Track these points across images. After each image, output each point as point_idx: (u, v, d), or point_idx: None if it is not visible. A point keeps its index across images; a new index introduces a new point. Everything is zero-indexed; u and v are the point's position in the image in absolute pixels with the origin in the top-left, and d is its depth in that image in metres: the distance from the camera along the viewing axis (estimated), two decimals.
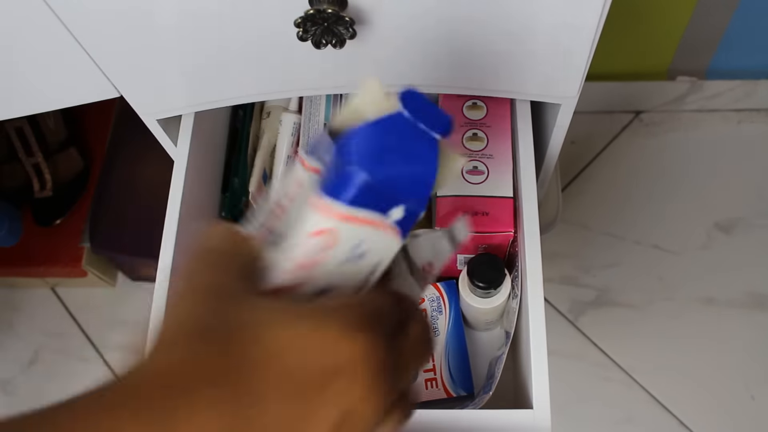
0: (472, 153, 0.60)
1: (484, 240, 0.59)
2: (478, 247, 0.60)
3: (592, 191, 1.33)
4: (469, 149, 0.61)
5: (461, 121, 0.62)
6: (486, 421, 0.50)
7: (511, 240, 0.59)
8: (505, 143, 0.60)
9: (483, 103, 0.62)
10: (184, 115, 0.61)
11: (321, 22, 0.46)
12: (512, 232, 0.57)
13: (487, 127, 0.61)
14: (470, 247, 0.60)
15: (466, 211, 0.58)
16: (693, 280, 1.24)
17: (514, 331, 0.58)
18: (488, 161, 0.60)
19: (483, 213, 0.58)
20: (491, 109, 0.62)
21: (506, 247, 0.60)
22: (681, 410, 1.16)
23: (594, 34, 0.48)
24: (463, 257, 0.62)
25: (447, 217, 0.58)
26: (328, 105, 0.67)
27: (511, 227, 0.57)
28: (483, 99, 0.62)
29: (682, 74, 1.30)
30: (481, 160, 0.60)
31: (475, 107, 0.62)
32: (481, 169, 0.59)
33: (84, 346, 1.28)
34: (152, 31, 0.50)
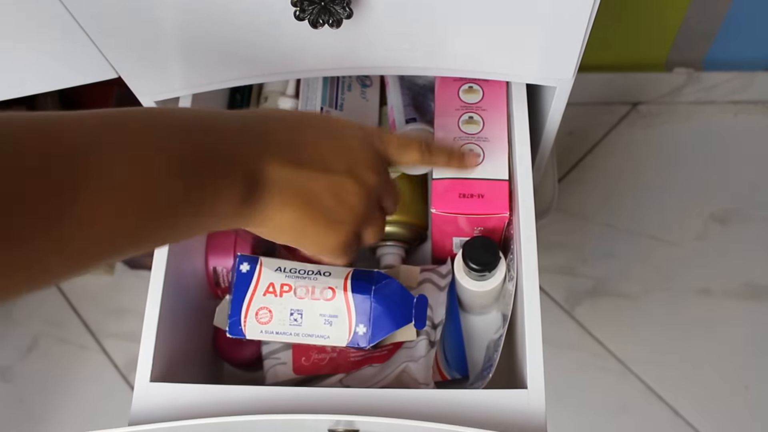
0: (468, 136, 0.61)
1: (480, 222, 0.59)
2: (474, 229, 0.60)
3: (589, 182, 1.33)
4: (466, 132, 0.61)
5: (457, 105, 0.62)
6: (480, 401, 0.50)
7: (507, 223, 0.59)
8: (500, 126, 0.61)
9: (479, 87, 0.63)
10: (181, 97, 0.62)
11: (318, 2, 0.46)
12: (507, 214, 0.57)
13: (483, 110, 0.62)
14: (466, 230, 0.61)
15: (462, 194, 0.58)
16: (689, 270, 1.24)
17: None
18: (484, 144, 0.60)
19: (478, 195, 0.58)
20: (487, 92, 0.62)
21: (502, 229, 0.60)
22: (676, 400, 1.16)
23: (589, 13, 0.48)
24: (459, 240, 0.62)
25: (442, 198, 0.58)
26: (324, 89, 0.67)
27: (506, 209, 0.57)
28: (479, 82, 0.63)
29: (679, 66, 1.30)
30: (477, 143, 0.60)
31: (471, 91, 0.63)
32: (476, 152, 0.60)
33: (82, 334, 1.28)
34: (150, 12, 0.50)
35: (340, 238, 0.47)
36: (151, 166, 0.36)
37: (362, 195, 0.47)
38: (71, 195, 0.32)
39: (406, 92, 0.68)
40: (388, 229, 0.65)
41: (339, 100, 0.68)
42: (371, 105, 0.70)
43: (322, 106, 0.67)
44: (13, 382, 1.26)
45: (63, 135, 0.34)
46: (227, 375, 0.70)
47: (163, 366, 0.55)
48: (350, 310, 0.56)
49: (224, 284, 0.66)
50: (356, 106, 0.69)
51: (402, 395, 0.51)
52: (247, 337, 0.57)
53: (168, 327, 0.56)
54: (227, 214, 0.41)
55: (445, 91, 0.63)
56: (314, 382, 0.62)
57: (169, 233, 0.39)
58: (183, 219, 0.39)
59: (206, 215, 0.40)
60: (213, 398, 0.52)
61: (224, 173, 0.40)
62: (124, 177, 0.35)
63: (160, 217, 0.37)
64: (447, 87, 0.63)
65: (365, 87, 0.70)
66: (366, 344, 0.56)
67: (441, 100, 0.63)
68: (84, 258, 0.34)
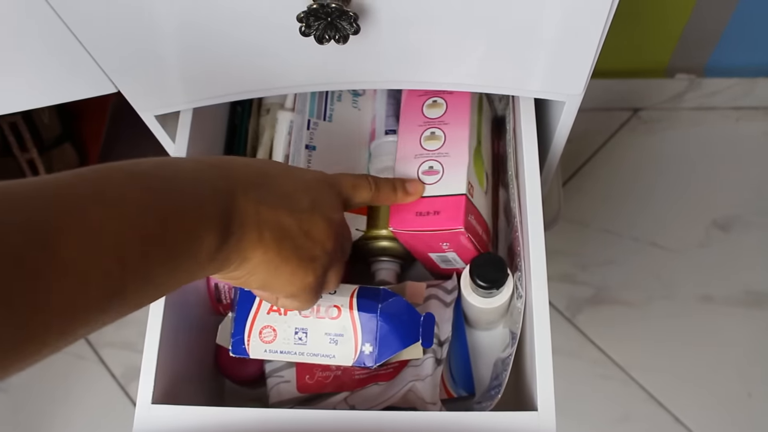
0: (429, 153, 0.60)
1: (439, 238, 0.58)
2: (441, 245, 0.59)
3: (590, 189, 1.32)
4: (426, 149, 0.60)
5: (420, 121, 0.62)
6: (489, 423, 0.49)
7: (463, 236, 0.58)
8: (462, 139, 0.60)
9: (443, 100, 0.62)
10: (182, 111, 0.60)
11: (324, 17, 0.45)
12: (462, 229, 0.56)
13: (446, 124, 0.61)
14: (434, 246, 0.60)
15: (419, 212, 0.58)
16: (691, 277, 1.24)
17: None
18: (444, 159, 0.59)
19: (434, 212, 0.57)
20: (451, 105, 0.61)
21: (472, 244, 0.59)
22: (678, 408, 1.16)
23: (602, 29, 0.47)
24: (436, 255, 0.62)
25: (399, 216, 0.58)
26: (312, 100, 0.66)
27: (460, 224, 0.56)
28: (444, 95, 0.62)
29: (680, 72, 1.30)
30: (436, 159, 0.59)
31: (435, 105, 0.62)
32: (436, 168, 0.59)
33: (79, 343, 1.27)
34: (150, 26, 0.49)
35: (310, 277, 0.47)
36: (122, 214, 0.35)
37: (330, 233, 0.47)
38: (50, 250, 0.31)
39: (391, 102, 0.67)
40: (384, 244, 0.64)
41: (328, 111, 0.66)
42: (364, 114, 0.69)
43: (309, 118, 0.65)
44: (9, 393, 1.25)
45: (30, 196, 0.33)
46: (229, 392, 0.69)
47: (164, 385, 0.54)
48: (356, 328, 0.55)
49: (226, 300, 0.64)
50: (347, 116, 0.68)
51: (409, 418, 0.50)
52: (251, 356, 0.56)
53: (169, 345, 0.55)
54: (205, 258, 0.40)
55: (409, 107, 0.63)
56: (318, 401, 0.61)
57: (151, 285, 0.37)
58: (163, 268, 0.37)
59: (185, 262, 0.39)
60: (216, 420, 0.51)
61: (199, 214, 0.39)
62: (98, 227, 0.34)
63: (143, 262, 0.36)
64: (412, 102, 0.63)
65: (357, 96, 0.69)
66: (372, 363, 0.55)
67: (405, 116, 0.63)
68: (71, 316, 0.33)
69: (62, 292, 0.32)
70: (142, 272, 0.36)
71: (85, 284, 0.33)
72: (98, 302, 0.34)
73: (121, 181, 0.37)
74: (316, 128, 0.65)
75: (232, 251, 0.42)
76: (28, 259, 0.30)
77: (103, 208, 0.35)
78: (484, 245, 0.61)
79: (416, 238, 0.59)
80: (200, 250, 0.39)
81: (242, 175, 0.44)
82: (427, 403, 0.56)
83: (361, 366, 0.55)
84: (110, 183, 0.36)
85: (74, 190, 0.34)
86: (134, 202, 0.36)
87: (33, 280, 0.30)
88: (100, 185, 0.36)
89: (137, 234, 0.35)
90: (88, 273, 0.33)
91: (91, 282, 0.33)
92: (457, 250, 0.60)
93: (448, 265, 0.64)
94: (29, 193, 0.33)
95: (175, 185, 0.39)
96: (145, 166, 0.39)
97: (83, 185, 0.35)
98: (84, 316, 0.33)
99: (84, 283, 0.33)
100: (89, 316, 0.34)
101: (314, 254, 0.46)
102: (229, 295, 0.64)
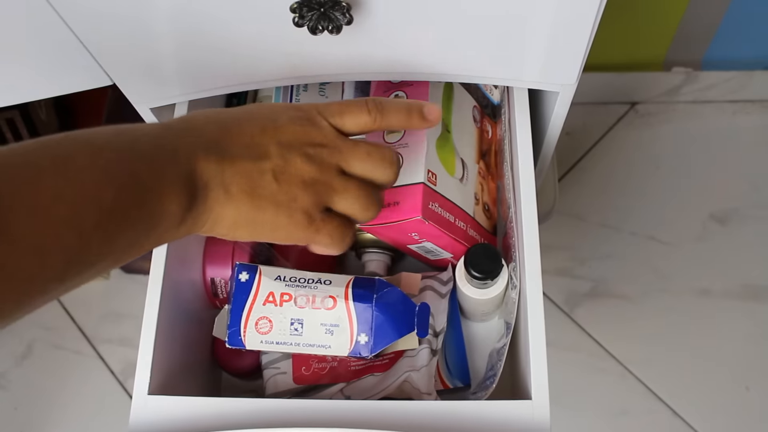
0: (390, 145, 0.60)
1: (401, 228, 0.58)
2: (410, 234, 0.59)
3: (587, 182, 1.32)
4: (388, 142, 0.60)
5: None
6: (484, 412, 0.50)
7: (424, 225, 0.57)
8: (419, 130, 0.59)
9: (403, 93, 0.62)
10: (177, 103, 0.61)
11: (317, 8, 0.45)
12: (419, 217, 0.56)
13: None
14: (405, 239, 0.60)
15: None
16: (688, 271, 1.24)
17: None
18: (404, 150, 0.59)
19: (394, 203, 0.57)
20: (411, 96, 0.61)
21: (442, 233, 0.59)
22: (676, 401, 1.16)
23: (594, 18, 0.47)
24: (416, 246, 0.62)
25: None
26: (277, 91, 0.66)
27: (417, 212, 0.56)
28: (405, 88, 0.62)
29: (677, 65, 1.30)
30: (397, 151, 0.59)
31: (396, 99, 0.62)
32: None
33: (78, 340, 1.27)
34: (145, 18, 0.49)
35: (296, 216, 0.44)
36: (77, 184, 0.35)
37: (307, 169, 0.44)
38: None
39: (358, 93, 0.68)
40: (373, 236, 0.64)
41: (293, 101, 0.66)
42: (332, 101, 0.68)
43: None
44: (8, 389, 1.25)
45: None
46: (226, 384, 0.69)
47: (161, 378, 0.54)
48: (351, 319, 0.55)
49: (222, 295, 0.65)
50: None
51: (404, 407, 0.50)
52: (247, 348, 0.56)
53: (166, 338, 0.56)
54: (173, 222, 0.40)
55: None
56: (315, 392, 0.61)
57: (116, 248, 0.38)
58: (125, 235, 0.38)
59: (150, 227, 0.39)
60: (212, 411, 0.51)
61: (159, 179, 0.39)
62: (51, 199, 0.34)
63: (101, 231, 0.36)
64: (376, 95, 0.63)
65: (324, 83, 0.68)
66: (368, 354, 0.55)
67: None
68: (30, 284, 0.33)
69: (15, 265, 0.32)
70: (101, 241, 0.36)
71: (40, 256, 0.33)
72: (55, 273, 0.34)
73: (80, 150, 0.37)
74: None
75: (201, 212, 0.42)
76: None
77: (58, 178, 0.35)
78: (461, 234, 0.60)
79: (384, 231, 0.59)
80: (164, 215, 0.39)
81: (201, 132, 0.43)
82: (422, 393, 0.56)
83: (357, 356, 0.56)
84: (68, 152, 0.36)
85: (30, 160, 0.35)
86: (91, 171, 0.36)
87: None
88: (58, 155, 0.36)
89: (94, 204, 0.35)
90: (42, 245, 0.33)
91: (45, 254, 0.33)
92: (429, 239, 0.59)
93: (434, 256, 0.64)
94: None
95: (133, 153, 0.39)
96: (105, 134, 0.39)
97: (40, 155, 0.35)
98: (40, 287, 0.34)
99: (38, 255, 0.33)
100: (46, 287, 0.34)
101: (292, 195, 0.44)
102: (226, 289, 0.64)
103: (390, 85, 0.63)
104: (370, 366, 0.61)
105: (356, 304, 0.56)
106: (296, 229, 0.45)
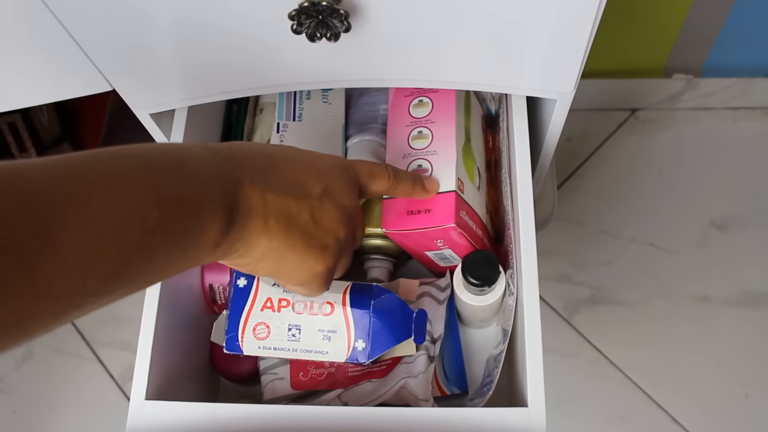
0: (417, 152, 0.60)
1: (431, 235, 0.58)
2: (436, 242, 0.59)
3: (587, 189, 1.32)
4: (414, 148, 0.60)
5: (407, 121, 0.62)
6: (480, 419, 0.50)
7: (455, 232, 0.58)
8: (449, 138, 0.60)
9: (429, 99, 0.62)
10: (177, 109, 0.61)
11: (315, 15, 0.45)
12: (453, 225, 0.57)
13: (432, 122, 0.61)
14: (427, 244, 0.60)
15: (410, 211, 0.58)
16: (688, 278, 1.24)
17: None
18: (432, 158, 0.59)
19: (425, 210, 0.58)
20: (437, 104, 0.62)
21: (467, 241, 0.59)
22: (675, 408, 1.16)
23: (591, 27, 0.48)
24: (433, 254, 0.62)
25: (391, 217, 0.59)
26: (281, 101, 0.66)
27: (451, 220, 0.57)
28: (429, 94, 0.62)
29: (678, 72, 1.30)
30: (425, 158, 0.60)
31: (421, 104, 0.62)
32: (425, 167, 0.59)
33: (77, 343, 1.27)
34: (144, 24, 0.49)
35: (320, 266, 0.46)
36: (125, 201, 0.35)
37: (341, 220, 0.46)
38: (44, 234, 0.31)
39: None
40: (377, 242, 0.64)
41: (297, 111, 0.66)
42: (335, 108, 0.68)
43: (279, 121, 0.65)
44: (8, 393, 1.25)
45: (34, 180, 0.33)
46: (224, 389, 0.69)
47: (159, 383, 0.54)
48: (349, 325, 0.56)
49: (221, 301, 0.65)
50: (318, 113, 0.67)
51: (401, 414, 0.50)
52: (245, 353, 0.56)
53: (164, 344, 0.56)
54: (209, 245, 0.40)
55: (397, 107, 0.63)
56: (312, 398, 0.61)
57: (155, 267, 0.38)
58: (164, 254, 0.38)
59: (188, 248, 0.39)
60: (210, 416, 0.51)
61: (204, 202, 0.39)
62: (99, 215, 0.34)
63: (143, 249, 0.36)
64: (399, 102, 0.63)
65: (327, 90, 0.68)
66: (365, 360, 0.55)
67: (393, 117, 0.63)
68: (69, 299, 0.33)
69: (56, 278, 0.32)
70: (140, 260, 0.36)
71: (81, 271, 0.33)
72: (93, 288, 0.34)
73: (130, 167, 0.37)
74: (285, 130, 0.65)
75: (237, 239, 0.42)
76: (23, 245, 0.30)
77: (107, 194, 0.35)
78: (479, 241, 0.61)
79: (410, 237, 0.59)
80: (203, 237, 0.39)
81: (250, 162, 0.43)
82: (419, 400, 0.56)
83: (354, 362, 0.56)
84: (118, 168, 0.36)
85: (82, 175, 0.34)
86: (140, 189, 0.36)
87: (25, 266, 0.30)
88: (108, 170, 0.36)
89: (140, 223, 0.35)
90: (86, 261, 0.33)
91: (88, 269, 0.33)
92: (452, 246, 0.60)
93: (446, 263, 0.64)
94: (37, 174, 0.33)
95: (182, 174, 0.39)
96: (155, 153, 0.39)
97: (91, 170, 0.35)
98: (78, 301, 0.34)
99: (79, 270, 0.33)
100: (84, 301, 0.34)
101: (325, 243, 0.46)
102: (224, 295, 0.65)
103: (413, 89, 0.63)
104: (367, 372, 0.61)
105: (354, 310, 0.56)
106: (313, 277, 0.47)
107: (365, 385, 0.60)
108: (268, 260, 0.44)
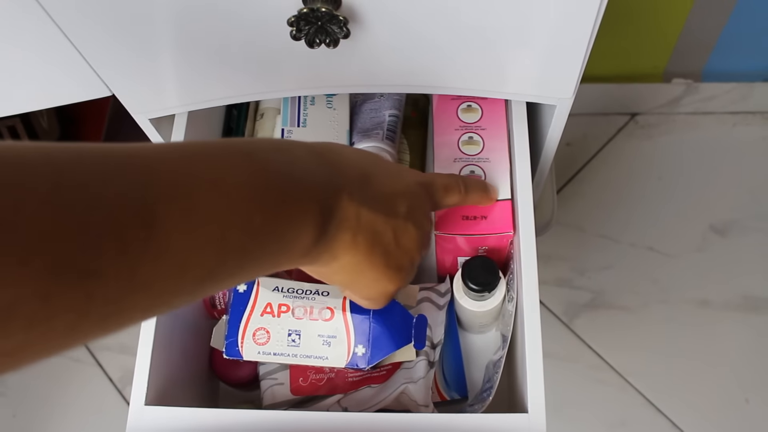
0: (468, 157, 0.60)
1: (483, 242, 0.58)
2: (478, 249, 0.60)
3: (587, 193, 1.32)
4: (466, 153, 0.60)
5: (456, 125, 0.62)
6: (480, 425, 0.50)
7: (510, 241, 0.58)
8: (501, 145, 0.60)
9: (478, 105, 0.62)
10: (177, 114, 0.61)
11: (314, 21, 0.45)
12: (511, 233, 0.57)
13: (483, 129, 0.61)
14: (468, 251, 0.60)
15: (464, 216, 0.58)
16: (688, 282, 1.24)
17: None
18: (485, 165, 0.59)
19: (481, 217, 0.58)
20: (486, 111, 0.62)
21: (506, 249, 0.59)
22: (675, 413, 1.15)
23: (590, 33, 0.48)
24: (463, 259, 0.62)
25: (445, 220, 0.58)
26: (285, 107, 0.66)
27: (510, 228, 0.57)
28: (477, 100, 0.62)
29: (677, 76, 1.30)
30: (477, 164, 0.59)
31: (470, 110, 0.62)
32: (477, 173, 0.59)
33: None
34: (144, 29, 0.49)
35: (392, 286, 0.46)
36: (231, 203, 0.34)
37: (419, 242, 0.46)
38: (150, 228, 0.30)
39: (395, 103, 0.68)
40: None
41: (301, 117, 0.66)
42: (340, 114, 0.68)
43: (283, 128, 0.65)
44: (7, 396, 1.25)
45: (144, 169, 0.32)
46: (223, 394, 0.69)
47: (158, 388, 0.54)
48: (349, 330, 0.56)
49: (221, 306, 0.65)
50: (323, 119, 0.67)
51: (401, 420, 0.50)
52: (245, 358, 0.56)
53: (163, 349, 0.56)
54: (299, 254, 0.39)
55: (443, 110, 0.62)
56: (312, 403, 0.61)
57: (245, 269, 0.37)
58: (255, 257, 0.36)
59: (278, 254, 0.38)
60: (209, 422, 0.51)
61: (305, 213, 0.38)
62: (205, 216, 0.33)
63: (240, 252, 0.35)
64: (445, 106, 0.63)
65: (331, 95, 0.68)
66: (365, 365, 0.55)
67: (440, 120, 0.62)
68: (162, 297, 0.32)
69: (156, 276, 0.31)
70: (236, 263, 0.35)
71: (181, 271, 0.32)
72: (187, 289, 0.33)
73: (238, 164, 0.36)
74: (290, 136, 0.65)
75: (324, 250, 0.41)
76: (128, 235, 0.29)
77: (213, 194, 0.33)
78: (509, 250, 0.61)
79: (459, 242, 0.59)
80: (296, 245, 0.38)
81: (349, 170, 0.42)
82: (419, 405, 0.56)
83: (354, 367, 0.56)
84: (226, 164, 0.35)
85: (190, 170, 0.33)
86: (246, 189, 0.35)
87: (128, 258, 0.29)
88: (215, 166, 0.35)
89: (242, 227, 0.34)
90: (186, 262, 0.32)
91: (187, 270, 0.32)
92: (490, 253, 0.60)
93: None
94: (147, 163, 0.32)
95: (288, 177, 0.38)
96: (264, 150, 0.38)
97: (201, 166, 0.34)
98: (170, 299, 0.33)
99: (179, 270, 0.32)
100: (174, 300, 0.33)
101: (401, 263, 0.45)
102: (224, 300, 0.65)
103: (457, 95, 0.63)
104: (367, 377, 0.60)
105: (354, 316, 0.56)
106: (383, 295, 0.47)
107: (365, 390, 0.60)
108: (345, 273, 0.44)
